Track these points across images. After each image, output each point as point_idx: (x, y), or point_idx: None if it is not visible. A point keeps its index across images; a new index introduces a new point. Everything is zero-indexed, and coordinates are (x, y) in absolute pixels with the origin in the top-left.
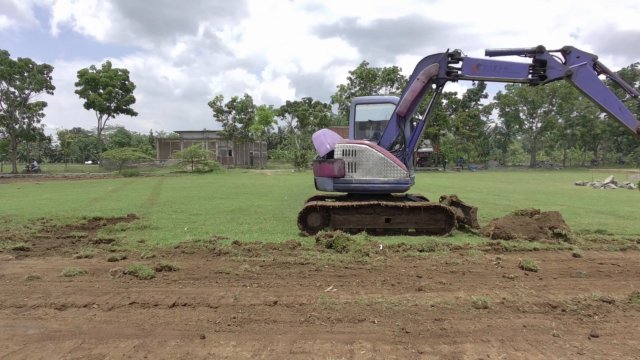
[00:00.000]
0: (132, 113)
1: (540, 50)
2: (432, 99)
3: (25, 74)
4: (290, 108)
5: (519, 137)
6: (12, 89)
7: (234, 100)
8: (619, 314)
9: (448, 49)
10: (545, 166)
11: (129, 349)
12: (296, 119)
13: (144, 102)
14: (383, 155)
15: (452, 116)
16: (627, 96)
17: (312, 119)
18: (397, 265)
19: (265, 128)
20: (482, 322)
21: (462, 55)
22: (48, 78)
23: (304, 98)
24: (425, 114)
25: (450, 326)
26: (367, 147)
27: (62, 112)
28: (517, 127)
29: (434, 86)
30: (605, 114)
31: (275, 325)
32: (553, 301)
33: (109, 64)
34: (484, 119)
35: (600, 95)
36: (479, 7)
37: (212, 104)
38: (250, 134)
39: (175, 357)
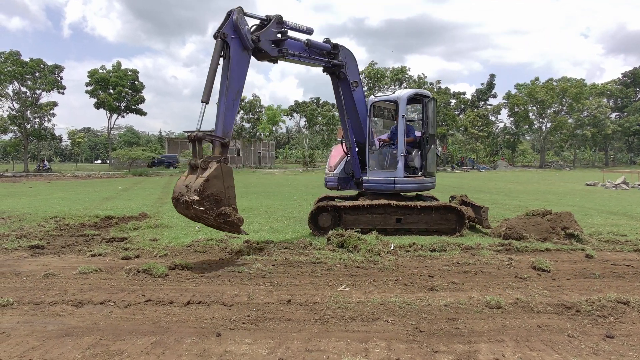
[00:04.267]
0: (142, 113)
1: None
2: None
3: (37, 74)
4: (298, 108)
5: (528, 137)
6: (23, 89)
7: (242, 100)
8: (634, 315)
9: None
10: (554, 166)
11: (147, 346)
12: (304, 119)
13: (153, 102)
14: (330, 156)
15: (461, 116)
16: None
17: (320, 118)
18: (409, 265)
19: (273, 128)
20: (496, 322)
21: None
22: (59, 78)
23: (312, 98)
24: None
25: (464, 326)
26: (334, 148)
27: (73, 112)
28: (527, 127)
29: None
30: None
31: (290, 324)
32: (567, 302)
33: (119, 64)
34: (493, 119)
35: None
36: (488, 6)
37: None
38: (258, 133)
39: (192, 354)
